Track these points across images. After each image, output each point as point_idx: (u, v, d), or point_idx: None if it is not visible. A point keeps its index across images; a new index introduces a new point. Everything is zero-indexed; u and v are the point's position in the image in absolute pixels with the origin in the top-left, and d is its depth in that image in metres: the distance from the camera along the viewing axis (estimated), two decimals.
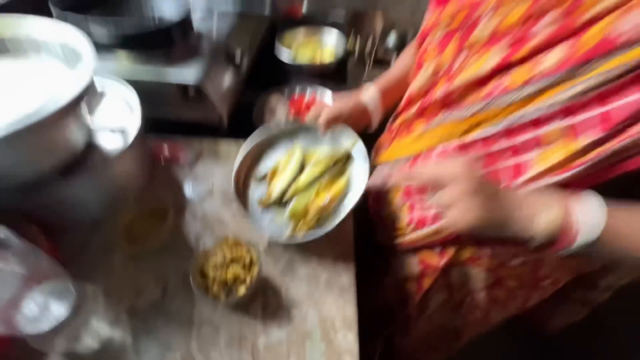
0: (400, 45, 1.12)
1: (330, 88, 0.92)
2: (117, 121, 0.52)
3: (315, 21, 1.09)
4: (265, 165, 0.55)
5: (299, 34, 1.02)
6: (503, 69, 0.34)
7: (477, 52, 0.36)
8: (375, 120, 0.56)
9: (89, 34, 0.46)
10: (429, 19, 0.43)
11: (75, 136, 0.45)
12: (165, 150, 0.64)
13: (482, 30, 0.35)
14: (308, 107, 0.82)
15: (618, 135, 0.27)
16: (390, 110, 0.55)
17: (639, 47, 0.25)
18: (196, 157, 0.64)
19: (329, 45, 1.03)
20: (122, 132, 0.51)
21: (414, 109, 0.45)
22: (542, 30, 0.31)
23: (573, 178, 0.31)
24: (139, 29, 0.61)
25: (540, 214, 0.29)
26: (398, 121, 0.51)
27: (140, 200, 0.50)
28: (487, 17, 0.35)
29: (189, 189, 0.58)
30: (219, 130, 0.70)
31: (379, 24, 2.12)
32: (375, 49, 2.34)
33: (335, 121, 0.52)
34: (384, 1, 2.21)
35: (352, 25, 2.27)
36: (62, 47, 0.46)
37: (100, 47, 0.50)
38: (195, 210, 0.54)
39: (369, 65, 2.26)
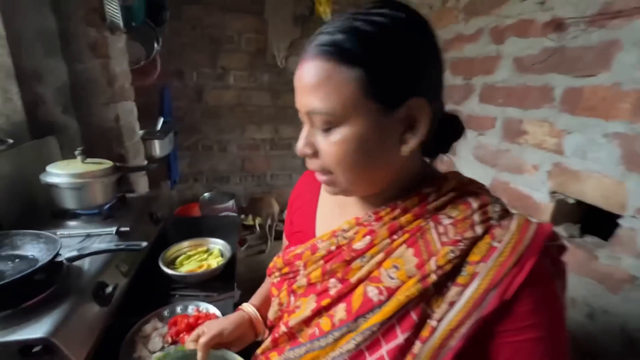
0: None
1: (219, 291, 0.95)
2: None
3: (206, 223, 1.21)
4: None
5: (187, 244, 1.09)
6: (318, 312, 0.44)
7: (301, 296, 0.47)
8: (262, 328, 0.60)
9: None
10: (271, 264, 0.56)
11: None
12: None
13: (301, 280, 0.48)
14: (190, 326, 0.80)
15: None
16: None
17: (381, 310, 0.38)
18: None
19: (215, 249, 1.10)
20: None
21: (269, 340, 0.51)
22: (333, 286, 0.43)
23: None
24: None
25: None
26: (262, 348, 0.55)
27: None
28: (301, 270, 0.48)
29: None
30: None
31: (275, 205, 2.49)
32: (275, 225, 2.63)
33: (217, 339, 0.53)
34: (276, 188, 2.68)
35: (252, 209, 2.58)
36: None
37: None
38: None
39: (271, 239, 2.45)
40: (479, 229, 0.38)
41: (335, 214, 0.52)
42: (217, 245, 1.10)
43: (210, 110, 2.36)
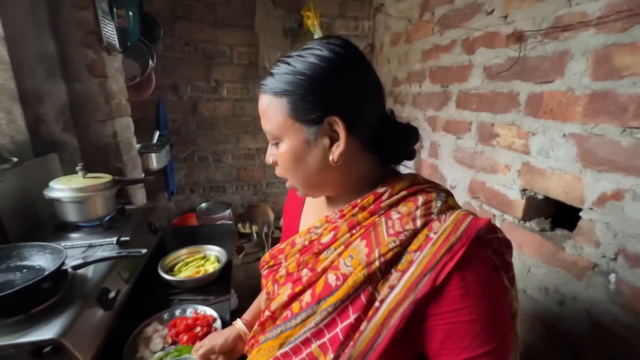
0: None
1: (216, 295, 1.01)
2: None
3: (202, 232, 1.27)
4: None
5: (184, 251, 1.15)
6: (293, 297, 0.50)
7: (282, 285, 0.54)
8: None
9: None
10: (263, 258, 0.63)
11: None
12: None
13: (281, 271, 0.55)
14: (188, 327, 0.85)
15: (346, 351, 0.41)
16: None
17: (336, 292, 0.44)
18: None
19: (212, 256, 1.15)
20: None
21: (257, 324, 0.58)
22: (304, 275, 0.50)
23: None
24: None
25: None
26: (252, 331, 0.62)
27: None
28: (283, 263, 0.56)
29: None
30: None
31: (270, 214, 2.55)
32: (271, 232, 2.68)
33: (210, 351, 0.65)
34: (272, 196, 2.74)
35: (248, 217, 2.63)
36: None
37: None
38: None
39: (268, 246, 2.51)
40: (418, 222, 0.44)
41: (314, 215, 0.60)
42: (213, 251, 1.16)
43: (205, 122, 2.43)
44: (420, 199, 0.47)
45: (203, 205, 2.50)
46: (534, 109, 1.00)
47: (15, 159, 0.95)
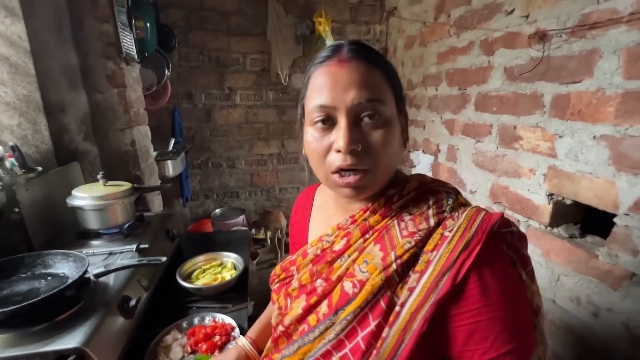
0: None
1: (234, 302, 1.00)
2: None
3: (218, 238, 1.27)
4: None
5: (199, 260, 1.14)
6: (308, 310, 0.48)
7: (295, 298, 0.52)
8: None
9: None
10: (273, 272, 0.61)
11: None
12: None
13: (294, 283, 0.53)
14: (207, 336, 0.85)
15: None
16: None
17: (354, 300, 0.42)
18: None
19: (229, 263, 1.15)
20: None
21: (270, 342, 0.55)
22: (319, 286, 0.48)
23: None
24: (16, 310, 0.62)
25: None
26: (265, 350, 0.59)
27: None
28: (295, 275, 0.54)
29: None
30: None
31: (282, 219, 2.55)
32: (284, 238, 2.68)
33: None
34: (285, 201, 2.74)
35: (262, 222, 2.64)
36: None
37: None
38: None
39: (281, 253, 2.50)
40: (432, 221, 0.43)
41: (323, 224, 0.59)
42: (230, 258, 1.16)
43: (219, 129, 2.46)
44: (431, 198, 0.46)
45: (217, 211, 2.52)
46: (560, 110, 0.96)
47: (40, 168, 0.98)
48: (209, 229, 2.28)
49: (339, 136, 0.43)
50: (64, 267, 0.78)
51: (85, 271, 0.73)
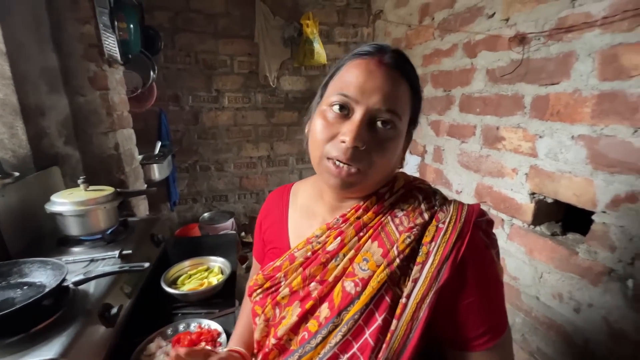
0: None
1: (220, 308, 0.98)
2: None
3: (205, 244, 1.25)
4: None
5: (185, 266, 1.12)
6: (304, 316, 0.47)
7: (286, 306, 0.50)
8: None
9: None
10: (252, 278, 0.58)
11: None
12: None
13: (283, 291, 0.51)
14: (193, 342, 0.83)
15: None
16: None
17: (359, 300, 0.43)
18: None
19: (215, 267, 1.13)
20: None
21: (260, 357, 0.53)
22: (314, 289, 0.47)
23: None
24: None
25: None
26: None
27: None
28: (283, 282, 0.51)
29: None
30: None
31: None
32: None
33: None
34: None
35: (251, 226, 2.62)
36: None
37: None
38: None
39: None
40: (426, 215, 0.46)
41: (305, 225, 0.57)
42: (217, 263, 1.14)
43: (207, 131, 2.43)
44: (420, 195, 0.49)
45: (206, 215, 2.49)
46: (540, 111, 0.99)
47: (16, 174, 0.95)
48: (197, 233, 2.25)
49: (349, 129, 0.44)
50: (41, 276, 0.75)
51: (64, 279, 0.71)
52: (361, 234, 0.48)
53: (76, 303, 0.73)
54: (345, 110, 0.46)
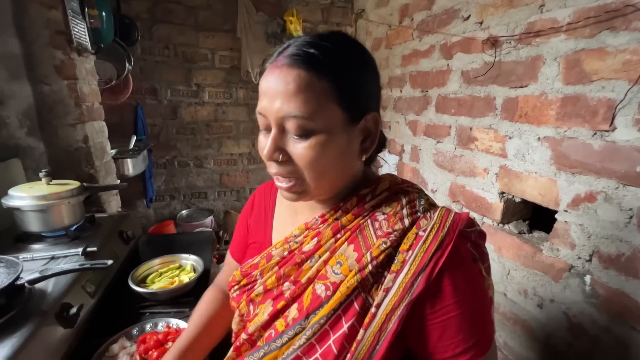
0: None
1: (191, 306, 0.96)
2: None
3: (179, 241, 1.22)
4: None
5: (155, 264, 1.09)
6: (275, 315, 0.47)
7: (260, 303, 0.50)
8: None
9: None
10: (231, 274, 0.58)
11: None
12: None
13: (258, 288, 0.51)
14: (159, 342, 0.80)
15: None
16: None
17: (327, 304, 0.42)
18: None
19: (188, 265, 1.10)
20: None
21: (231, 350, 0.53)
22: (287, 289, 0.47)
23: None
24: None
25: None
26: (226, 358, 0.56)
27: None
28: (259, 279, 0.51)
29: None
30: None
31: None
32: None
33: None
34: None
35: (224, 224, 2.57)
36: None
37: None
38: None
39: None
40: (407, 221, 0.43)
41: (289, 222, 0.56)
42: (189, 260, 1.11)
43: (186, 126, 2.37)
44: (404, 198, 0.46)
45: (184, 212, 2.43)
46: (510, 113, 1.02)
47: None
48: (172, 230, 2.19)
49: (265, 145, 0.43)
50: None
51: (17, 277, 0.67)
52: (338, 235, 0.46)
53: (32, 303, 0.70)
54: (268, 128, 0.44)
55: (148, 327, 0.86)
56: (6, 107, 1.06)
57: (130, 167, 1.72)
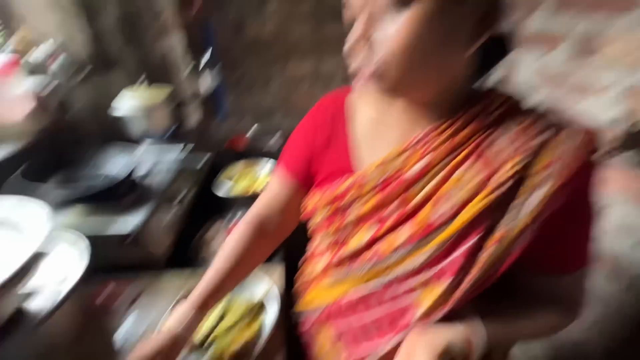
0: None
1: None
2: (57, 276, 0.51)
3: (254, 152, 1.33)
4: None
5: (239, 167, 1.21)
6: (374, 242, 0.45)
7: (352, 229, 0.48)
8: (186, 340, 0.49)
9: (49, 196, 0.57)
10: (309, 203, 0.53)
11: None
12: (104, 294, 0.68)
13: (351, 215, 0.47)
14: None
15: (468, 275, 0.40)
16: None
17: (450, 225, 0.40)
18: (136, 296, 0.68)
19: (262, 174, 1.20)
20: (62, 284, 0.50)
21: (319, 266, 0.54)
22: (390, 215, 0.44)
23: (455, 306, 0.41)
24: (88, 190, 0.73)
25: None
26: (310, 273, 0.58)
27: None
28: (352, 206, 0.47)
29: (125, 332, 0.61)
30: (159, 266, 0.77)
31: None
32: None
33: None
34: None
35: None
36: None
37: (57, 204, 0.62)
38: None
39: None
40: (537, 140, 0.39)
41: (379, 143, 0.48)
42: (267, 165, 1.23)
43: (253, 44, 2.32)
44: (528, 115, 0.41)
45: (252, 129, 2.56)
46: None
47: (87, 69, 1.01)
48: (244, 146, 2.35)
49: None
50: (115, 168, 0.84)
51: (134, 170, 0.82)
52: (453, 155, 0.41)
53: (150, 189, 0.85)
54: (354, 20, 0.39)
55: (234, 219, 1.01)
56: (104, 18, 1.13)
57: (206, 82, 1.81)
